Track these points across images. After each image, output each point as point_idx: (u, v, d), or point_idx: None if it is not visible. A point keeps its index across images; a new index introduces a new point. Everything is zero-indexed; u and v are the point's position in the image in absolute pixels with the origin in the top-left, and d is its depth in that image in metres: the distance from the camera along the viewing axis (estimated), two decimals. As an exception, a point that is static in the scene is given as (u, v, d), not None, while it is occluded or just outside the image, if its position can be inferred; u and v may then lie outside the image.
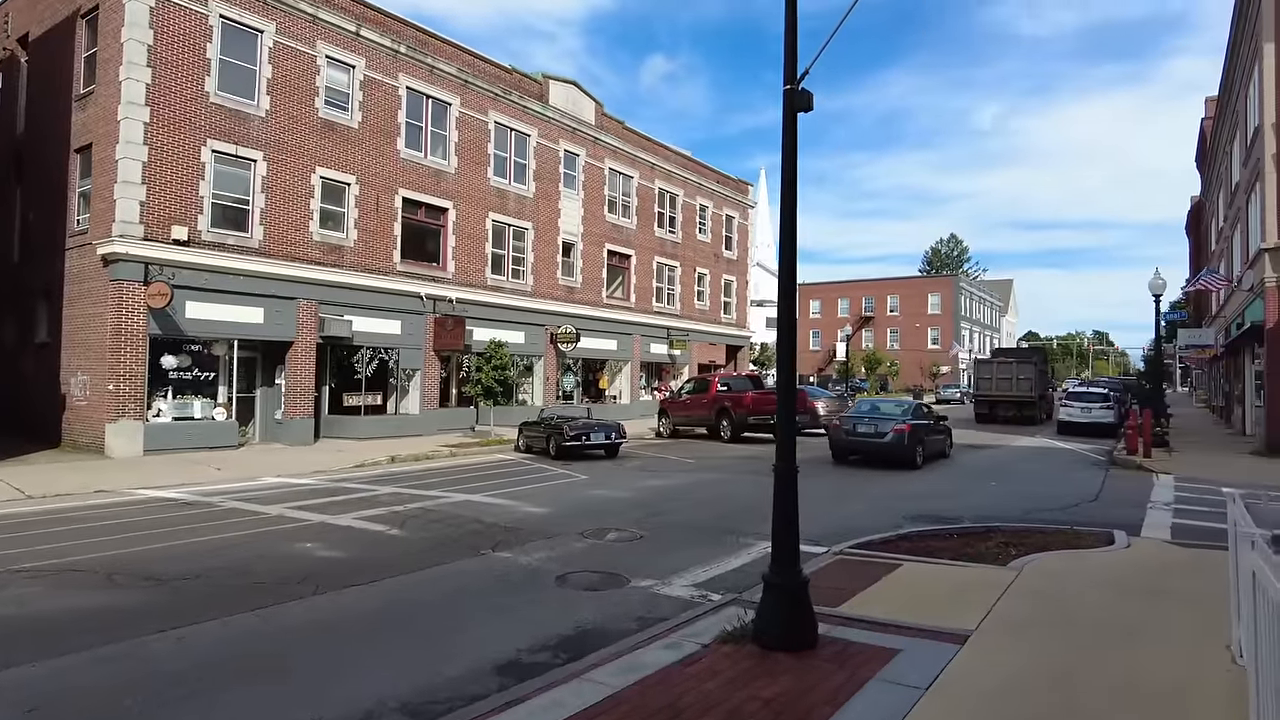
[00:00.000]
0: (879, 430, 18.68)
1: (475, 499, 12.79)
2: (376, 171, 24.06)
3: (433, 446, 21.56)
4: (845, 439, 19.35)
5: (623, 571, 8.08)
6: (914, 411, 20.09)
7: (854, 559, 8.53)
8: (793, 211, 5.66)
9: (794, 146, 5.65)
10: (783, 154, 5.67)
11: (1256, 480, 15.80)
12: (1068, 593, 6.99)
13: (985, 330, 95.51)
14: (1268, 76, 20.83)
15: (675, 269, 37.85)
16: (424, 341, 25.35)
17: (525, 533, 10.07)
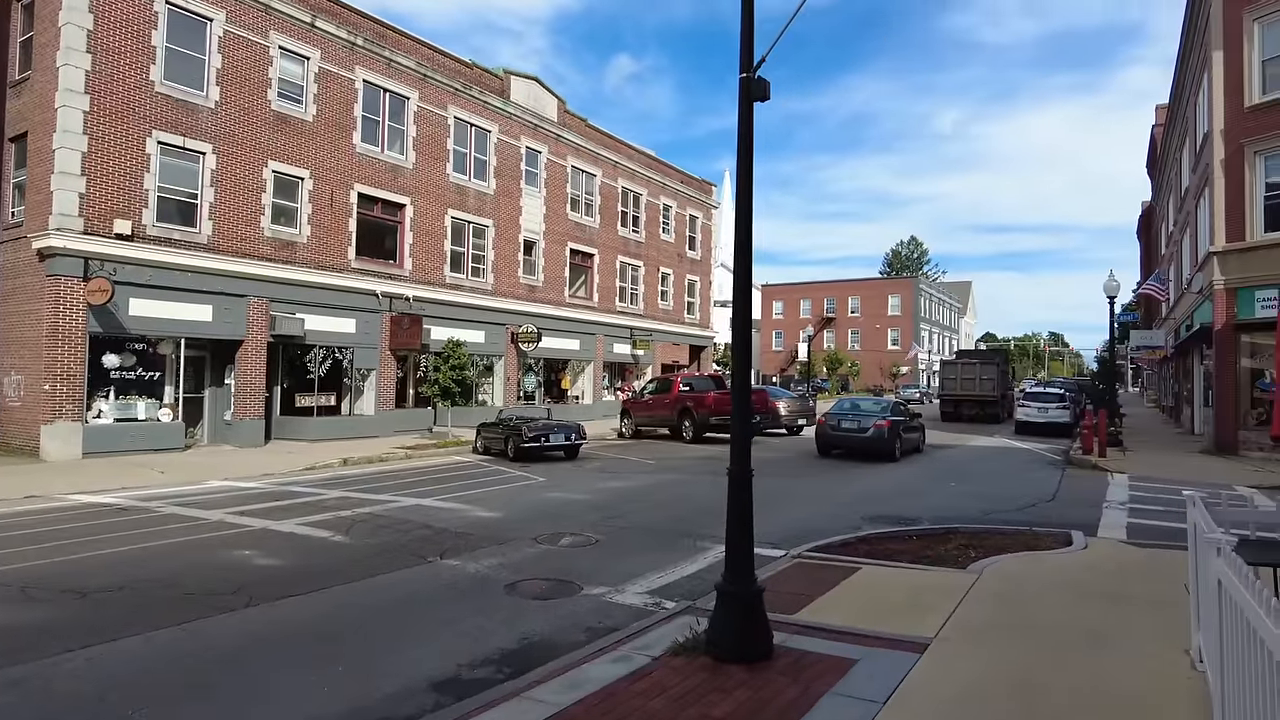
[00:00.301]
0: (861, 426, 20.08)
1: (427, 503, 12.39)
2: (331, 166, 23.45)
3: (388, 448, 21.04)
4: (830, 434, 20.69)
5: (575, 578, 7.80)
6: (892, 409, 21.43)
7: (812, 562, 8.35)
8: (748, 202, 5.44)
9: (750, 136, 5.43)
10: (738, 144, 5.45)
11: (1207, 479, 16.07)
12: (1027, 596, 6.87)
13: (944, 331, 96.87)
14: (1216, 84, 21.25)
15: (639, 268, 37.62)
16: (380, 340, 24.77)
17: (476, 538, 9.72)
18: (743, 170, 5.42)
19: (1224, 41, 21.07)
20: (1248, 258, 20.02)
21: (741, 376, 5.60)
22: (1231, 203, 20.58)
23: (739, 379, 5.63)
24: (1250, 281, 19.92)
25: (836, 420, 20.84)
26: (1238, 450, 19.96)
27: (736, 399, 5.60)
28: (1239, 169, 20.45)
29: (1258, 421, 19.91)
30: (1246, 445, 19.89)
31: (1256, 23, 20.43)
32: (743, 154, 5.42)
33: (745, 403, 5.57)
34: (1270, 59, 20.24)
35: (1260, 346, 19.99)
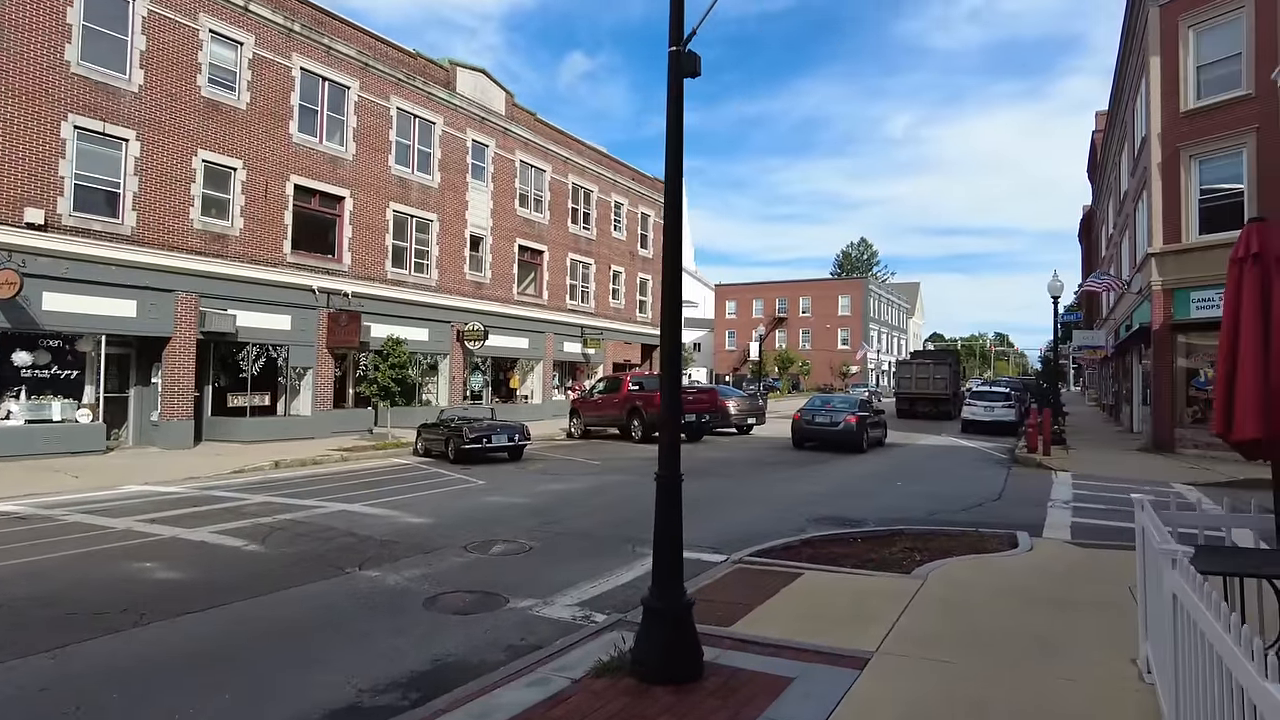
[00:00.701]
0: (833, 421, 22.06)
1: (354, 509, 11.75)
2: (266, 156, 22.48)
3: (323, 450, 20.21)
4: (805, 428, 22.64)
5: (502, 590, 7.32)
6: (859, 406, 23.20)
7: (753, 568, 8.00)
8: (677, 185, 5.04)
9: (680, 114, 5.04)
10: (668, 122, 5.05)
11: (1146, 476, 16.25)
12: (972, 603, 6.61)
13: (893, 331, 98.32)
14: (1154, 89, 21.62)
15: (590, 266, 37.13)
16: (317, 338, 23.86)
17: (402, 547, 9.16)
18: (672, 151, 5.02)
19: (1161, 47, 21.43)
20: (1184, 259, 20.39)
21: (671, 372, 5.20)
22: (1169, 205, 20.95)
23: (669, 373, 5.22)
24: (1187, 283, 20.28)
25: (811, 416, 22.69)
26: (1175, 448, 20.32)
27: (666, 397, 5.19)
28: (1175, 172, 20.82)
29: (1193, 420, 20.29)
30: (1183, 443, 20.26)
31: (1191, 29, 20.82)
32: (672, 133, 5.02)
33: (675, 401, 5.17)
34: (1204, 65, 20.64)
35: (1196, 346, 20.39)
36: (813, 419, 22.54)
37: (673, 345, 5.15)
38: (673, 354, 5.16)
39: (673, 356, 5.16)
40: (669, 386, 5.17)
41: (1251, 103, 19.39)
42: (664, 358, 5.21)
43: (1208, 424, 20.01)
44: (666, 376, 5.21)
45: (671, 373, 5.18)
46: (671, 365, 5.18)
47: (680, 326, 5.23)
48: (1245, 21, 19.68)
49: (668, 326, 5.16)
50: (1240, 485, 15.46)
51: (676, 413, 5.13)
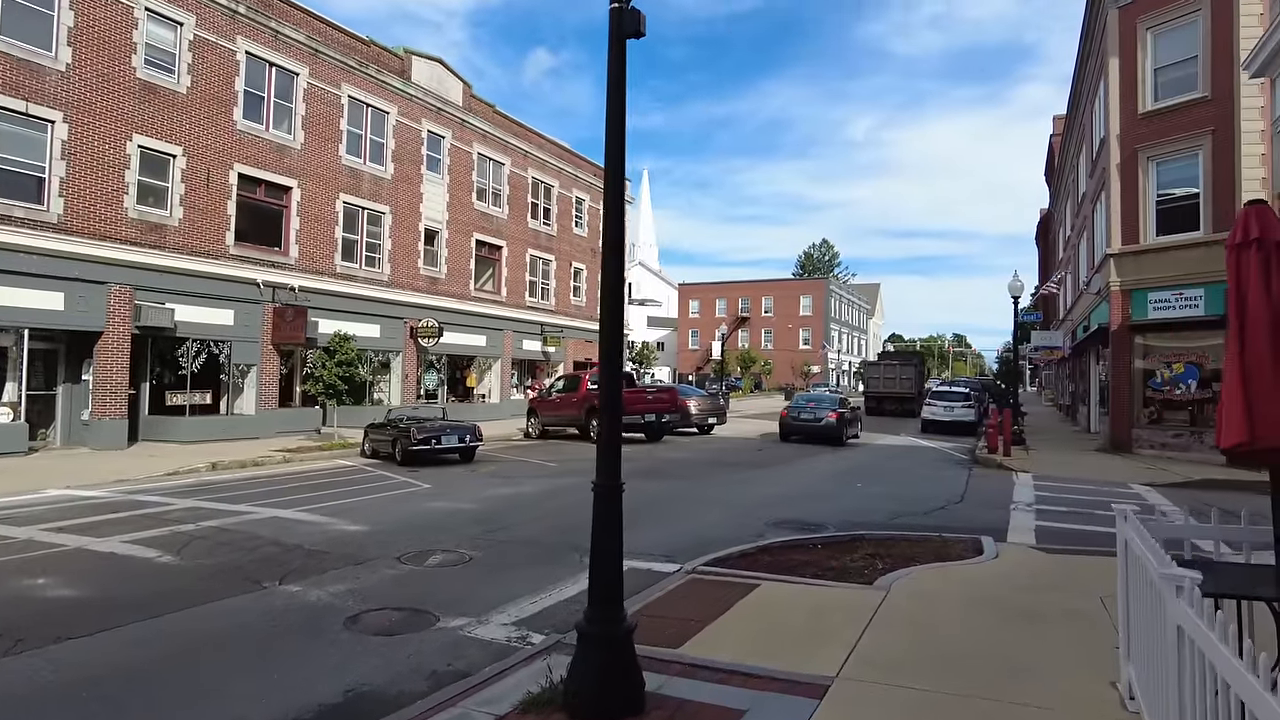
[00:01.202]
0: (817, 417, 24.27)
1: (287, 515, 11.00)
2: (208, 143, 21.43)
3: (266, 451, 19.29)
4: (792, 423, 24.73)
5: (433, 607, 6.70)
6: (839, 403, 25.46)
7: (708, 578, 7.50)
8: (619, 163, 4.50)
9: (622, 80, 4.50)
10: (608, 90, 4.50)
11: (1105, 477, 16.17)
12: (938, 618, 6.17)
13: (854, 331, 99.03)
14: (1113, 90, 21.66)
15: (550, 263, 36.43)
16: (261, 334, 22.86)
17: (332, 557, 8.48)
18: (613, 122, 4.47)
19: (1120, 49, 21.48)
20: (1142, 260, 20.43)
21: (613, 368, 4.65)
22: (1127, 206, 20.99)
23: (608, 369, 4.67)
24: (1144, 283, 20.33)
25: (797, 412, 24.99)
26: (1132, 448, 20.34)
27: (605, 394, 4.64)
28: (1134, 173, 20.87)
29: (1150, 420, 20.34)
30: (1140, 443, 20.29)
31: (1149, 32, 20.88)
32: (613, 102, 4.48)
33: (615, 401, 4.62)
34: (1162, 67, 20.71)
35: (1153, 347, 20.43)
36: (798, 415, 24.72)
37: (614, 337, 4.61)
38: (613, 347, 4.61)
39: (613, 350, 4.61)
40: (609, 382, 4.63)
41: (1208, 105, 19.47)
42: (604, 351, 4.66)
43: (1164, 424, 20.12)
44: (606, 371, 4.66)
45: (611, 368, 4.63)
46: (611, 360, 4.63)
47: (622, 315, 4.69)
48: (1202, 25, 19.76)
49: (608, 315, 4.62)
50: (1196, 486, 15.44)
51: (616, 412, 4.58)
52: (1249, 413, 3.82)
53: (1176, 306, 19.60)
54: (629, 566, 8.16)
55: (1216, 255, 18.90)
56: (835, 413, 24.09)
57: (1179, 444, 19.50)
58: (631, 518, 11.09)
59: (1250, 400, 3.79)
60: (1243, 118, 18.72)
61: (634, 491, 13.66)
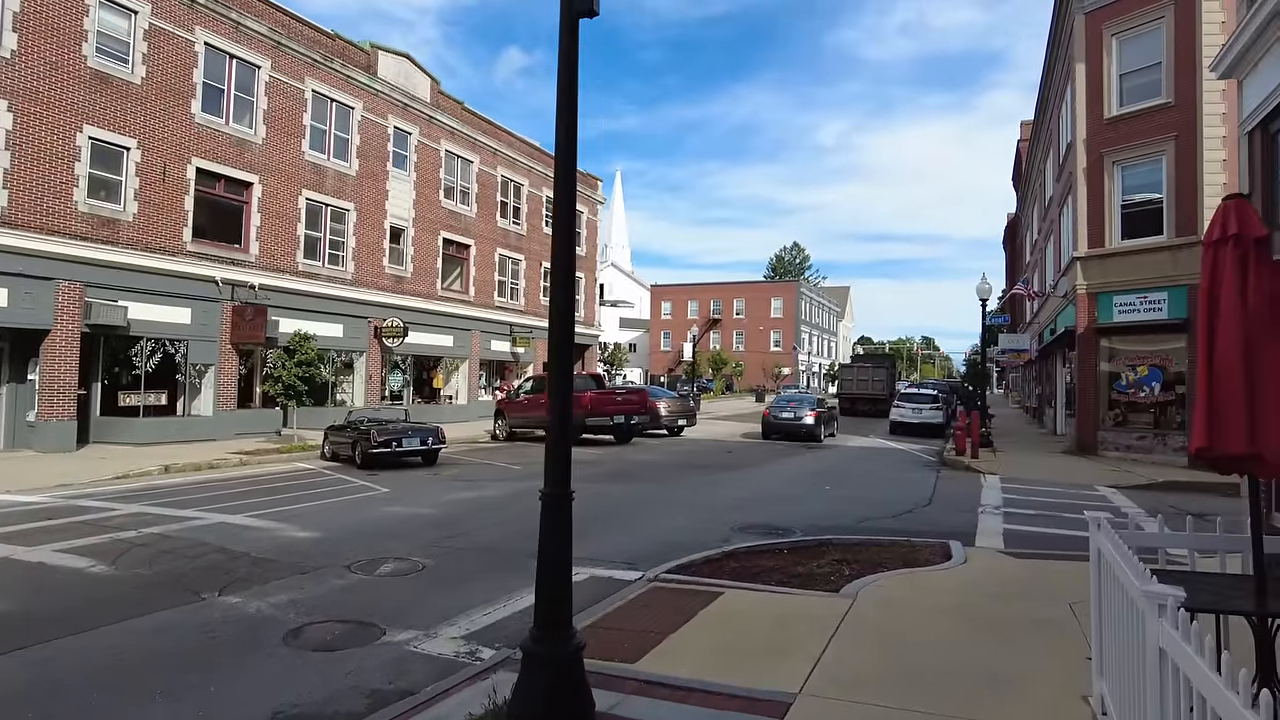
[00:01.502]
0: (796, 416, 25.58)
1: (235, 520, 10.56)
2: (165, 136, 20.76)
3: (222, 453, 18.72)
4: (773, 422, 25.94)
5: (380, 619, 6.36)
6: (817, 404, 26.89)
7: (670, 586, 7.25)
8: (571, 149, 4.23)
9: (574, 63, 4.23)
10: (559, 74, 4.23)
11: (1072, 479, 16.21)
12: (905, 628, 5.98)
13: (824, 334, 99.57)
14: (1079, 95, 21.81)
15: (520, 262, 36.01)
16: (220, 333, 22.21)
17: (278, 566, 8.10)
18: (564, 109, 4.20)
19: (1086, 54, 21.64)
20: (1108, 263, 20.58)
21: (561, 361, 4.37)
22: (1093, 210, 21.13)
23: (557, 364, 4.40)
24: (1110, 287, 20.48)
25: (777, 412, 26.19)
26: (1097, 450, 20.47)
27: (555, 393, 4.37)
28: (1099, 177, 21.02)
29: (1115, 423, 20.48)
30: (1105, 445, 20.43)
31: (1115, 38, 21.05)
32: (565, 87, 4.21)
33: (564, 402, 4.35)
34: (1127, 73, 20.88)
35: (1118, 350, 20.58)
36: (779, 415, 25.97)
37: (564, 330, 4.34)
38: (563, 341, 4.34)
39: (562, 344, 4.34)
40: (559, 381, 4.35)
41: (1171, 111, 19.66)
42: (553, 346, 4.39)
43: (1128, 427, 20.27)
44: (555, 369, 4.39)
45: (561, 363, 4.36)
46: (561, 356, 4.35)
47: (573, 307, 4.43)
48: (1165, 31, 19.95)
49: (558, 309, 4.35)
50: (1160, 488, 15.52)
51: (566, 413, 4.31)
52: (1211, 419, 3.65)
53: (1141, 310, 19.76)
54: (589, 575, 7.92)
55: (1180, 259, 19.14)
56: (814, 412, 25.46)
57: (1143, 446, 19.66)
58: (596, 523, 10.86)
59: (1215, 406, 3.62)
60: (1205, 124, 18.93)
61: (599, 495, 13.44)
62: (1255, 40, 7.66)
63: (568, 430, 4.29)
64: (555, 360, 4.35)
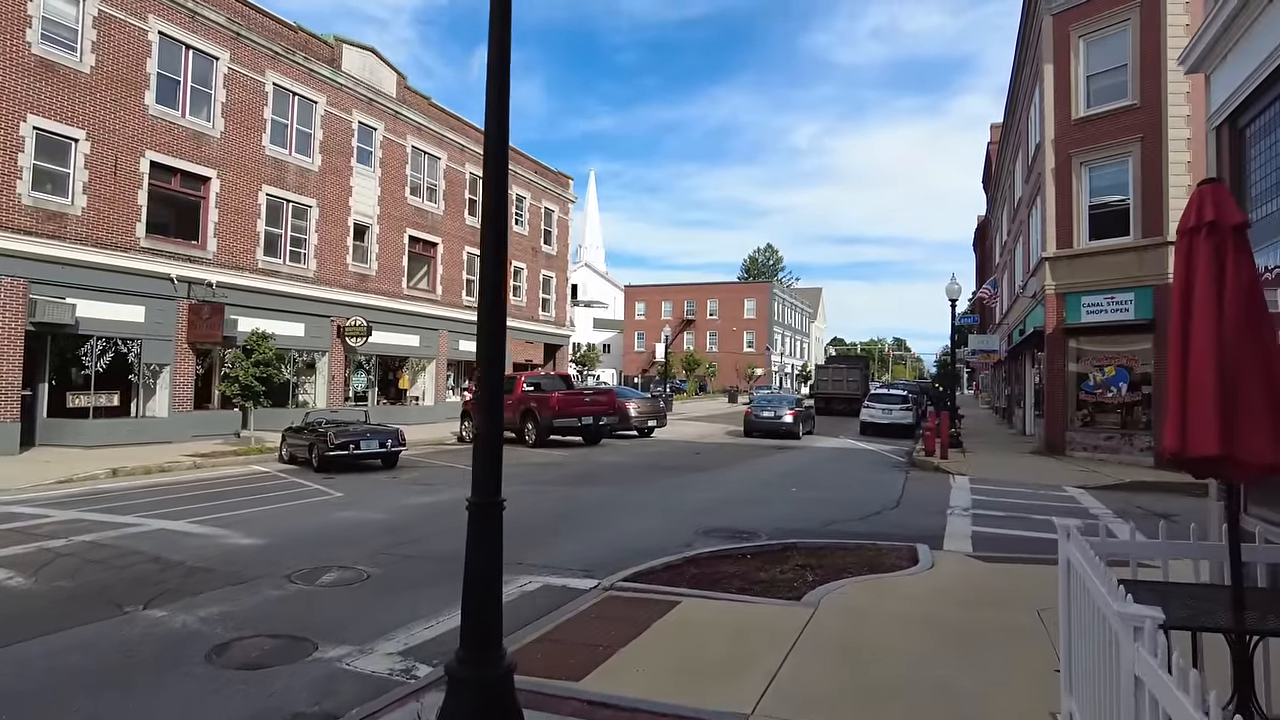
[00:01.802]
0: (777, 415, 26.88)
1: (177, 527, 10.07)
2: (116, 128, 20.06)
3: (176, 456, 18.10)
4: (754, 421, 27.10)
5: (314, 633, 5.97)
6: (796, 403, 28.68)
7: (626, 596, 6.93)
8: (502, 110, 3.89)
9: (507, 10, 3.89)
10: (490, 22, 3.88)
11: (1041, 479, 16.15)
12: (868, 640, 5.71)
13: (796, 335, 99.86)
14: (1048, 96, 21.86)
15: (488, 262, 35.40)
16: (176, 332, 21.53)
17: (214, 576, 7.66)
18: (495, 65, 3.86)
19: (1054, 55, 21.69)
20: (1076, 264, 20.62)
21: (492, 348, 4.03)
22: (1062, 210, 21.17)
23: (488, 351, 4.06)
24: (1078, 287, 20.52)
25: (759, 411, 27.36)
26: (1065, 450, 20.49)
27: (485, 399, 4.03)
28: (1068, 178, 21.07)
29: (1083, 423, 20.52)
30: (1073, 446, 20.45)
31: (1082, 39, 21.12)
32: (496, 38, 3.86)
33: (494, 403, 4.01)
34: (1094, 74, 20.95)
35: (1086, 351, 20.62)
36: (760, 414, 27.13)
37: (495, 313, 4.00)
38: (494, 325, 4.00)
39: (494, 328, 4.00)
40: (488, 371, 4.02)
41: (1137, 112, 19.74)
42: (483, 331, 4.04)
43: (1096, 427, 20.31)
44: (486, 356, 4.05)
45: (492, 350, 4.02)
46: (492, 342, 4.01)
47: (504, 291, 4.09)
48: (1131, 33, 20.04)
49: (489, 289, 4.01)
50: (1127, 488, 15.49)
51: (496, 411, 3.98)
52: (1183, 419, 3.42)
53: (1108, 310, 19.81)
54: (543, 584, 7.58)
55: (1146, 260, 19.22)
56: (793, 411, 26.90)
57: (1110, 446, 19.70)
58: (556, 527, 10.51)
59: (1187, 406, 3.38)
60: (1170, 125, 19.02)
61: (563, 498, 13.09)
62: (1224, 32, 7.52)
63: (498, 430, 3.96)
64: (485, 349, 4.00)
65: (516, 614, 6.51)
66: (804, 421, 27.46)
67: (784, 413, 26.75)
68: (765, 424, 26.58)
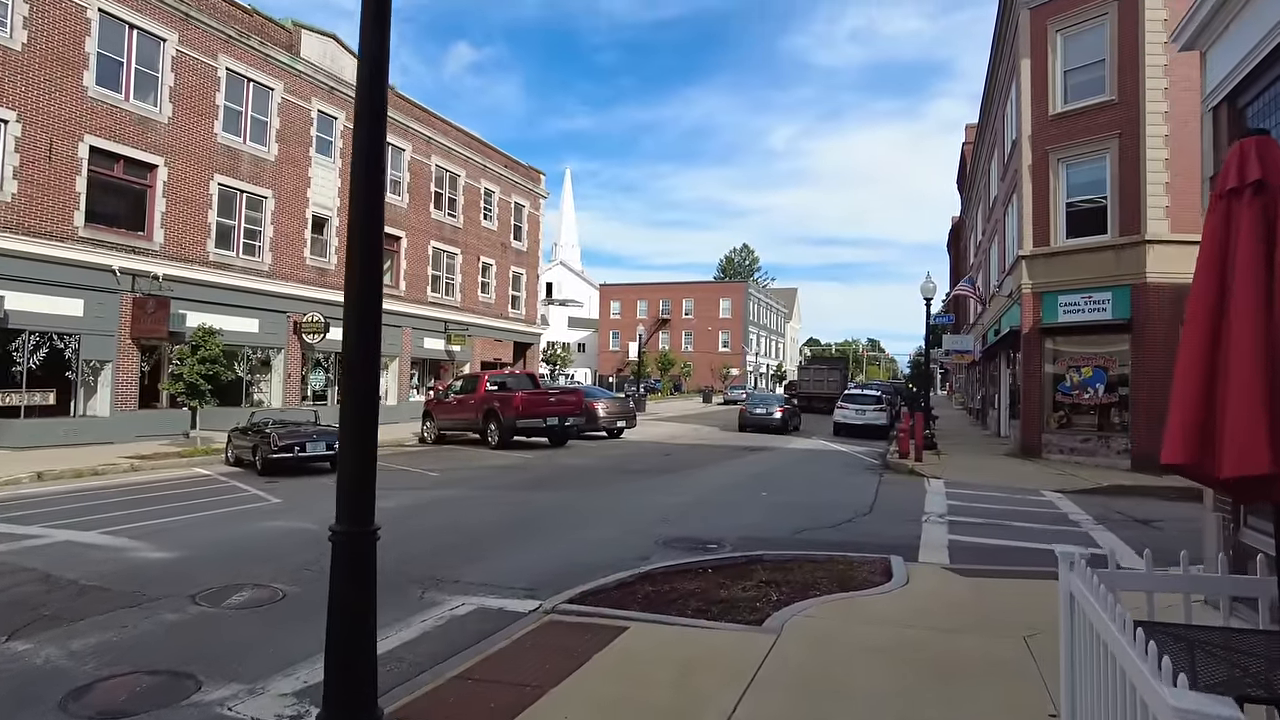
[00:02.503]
0: (768, 412, 29.54)
1: (84, 538, 9.15)
2: (51, 110, 18.94)
3: (114, 458, 17.07)
4: (747, 417, 29.81)
5: (202, 668, 5.16)
6: (784, 401, 31.59)
7: (568, 621, 6.18)
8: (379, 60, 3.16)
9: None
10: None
11: (1018, 483, 15.64)
12: (834, 673, 5.02)
13: (772, 335, 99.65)
14: (1024, 91, 21.43)
15: (456, 256, 34.51)
16: (119, 327, 20.43)
17: (107, 597, 6.80)
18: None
19: (1031, 50, 21.26)
20: (1052, 263, 20.19)
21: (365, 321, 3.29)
22: (1038, 208, 20.74)
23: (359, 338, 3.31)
24: (1054, 286, 20.09)
25: (751, 409, 30.19)
26: (1041, 453, 20.05)
27: (349, 391, 3.28)
28: (1045, 175, 20.64)
29: (1059, 425, 20.09)
30: (1049, 448, 20.02)
31: (1059, 34, 20.71)
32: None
33: (368, 409, 3.27)
34: (1071, 69, 20.55)
35: (1062, 352, 20.20)
36: (753, 411, 29.90)
37: (368, 301, 3.26)
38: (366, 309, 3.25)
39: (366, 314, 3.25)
40: (358, 367, 3.27)
41: (1115, 108, 19.36)
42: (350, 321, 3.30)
43: (1072, 429, 19.88)
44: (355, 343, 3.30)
45: (366, 346, 3.27)
46: (364, 328, 3.26)
47: (380, 263, 3.37)
48: (1109, 28, 19.66)
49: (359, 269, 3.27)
50: (1105, 492, 15.02)
51: (368, 418, 3.23)
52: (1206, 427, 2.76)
53: (1085, 310, 19.40)
54: (477, 606, 6.80)
55: (1124, 258, 18.81)
56: (782, 409, 29.81)
57: (1087, 448, 19.28)
58: (504, 538, 9.73)
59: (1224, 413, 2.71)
60: (1148, 121, 18.64)
61: (515, 505, 12.30)
62: (1221, 5, 6.95)
63: (370, 442, 3.21)
64: (355, 336, 3.26)
65: (443, 643, 5.76)
66: (791, 418, 30.01)
67: (774, 410, 29.53)
68: (758, 419, 29.29)
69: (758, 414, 29.59)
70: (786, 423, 29.25)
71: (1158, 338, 17.95)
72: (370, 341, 3.31)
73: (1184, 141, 17.83)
